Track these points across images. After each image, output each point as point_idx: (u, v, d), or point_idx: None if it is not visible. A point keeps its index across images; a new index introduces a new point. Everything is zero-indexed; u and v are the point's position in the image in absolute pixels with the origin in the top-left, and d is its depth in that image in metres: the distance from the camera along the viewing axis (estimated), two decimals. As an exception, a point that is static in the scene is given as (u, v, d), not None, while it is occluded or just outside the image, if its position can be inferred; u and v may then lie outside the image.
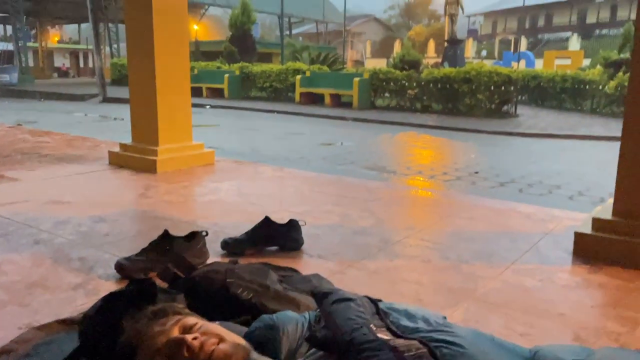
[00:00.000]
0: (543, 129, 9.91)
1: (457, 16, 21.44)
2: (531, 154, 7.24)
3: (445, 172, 5.66)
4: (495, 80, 11.83)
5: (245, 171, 4.04)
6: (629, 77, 2.20)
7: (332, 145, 7.71)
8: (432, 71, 13.68)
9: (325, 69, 16.46)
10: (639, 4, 2.20)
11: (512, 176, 5.41)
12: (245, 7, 18.93)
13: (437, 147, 7.83)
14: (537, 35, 48.77)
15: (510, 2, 52.64)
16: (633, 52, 2.18)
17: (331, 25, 45.63)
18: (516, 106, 12.33)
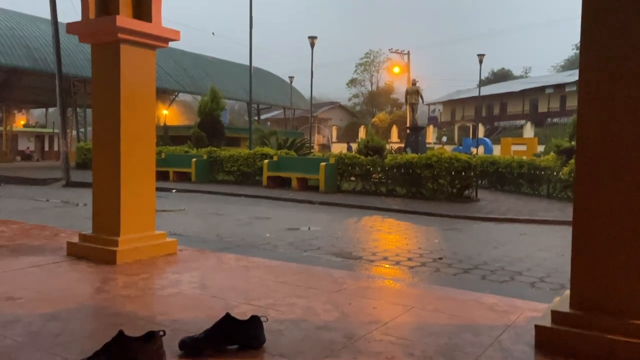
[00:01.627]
0: (503, 213, 10.21)
1: (417, 105, 22.62)
2: (493, 238, 7.40)
3: (410, 257, 5.70)
4: (456, 166, 12.28)
5: (208, 261, 3.97)
6: (575, 175, 2.33)
7: (299, 230, 7.71)
8: (396, 157, 14.14)
9: (292, 153, 16.83)
10: (579, 108, 2.39)
11: (475, 262, 5.49)
12: (214, 94, 19.52)
13: (401, 232, 7.93)
14: (494, 123, 51.56)
15: (466, 92, 56.10)
16: (576, 149, 2.34)
17: (298, 111, 47.31)
18: (477, 191, 12.73)
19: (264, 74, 40.32)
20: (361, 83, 67.90)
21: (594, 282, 2.23)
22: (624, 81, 2.13)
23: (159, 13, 4.07)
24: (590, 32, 2.21)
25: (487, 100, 52.57)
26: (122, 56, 3.86)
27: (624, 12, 2.13)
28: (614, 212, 2.21)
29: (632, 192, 2.14)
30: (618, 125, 2.18)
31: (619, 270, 2.18)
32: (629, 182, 2.15)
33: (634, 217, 2.14)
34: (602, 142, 2.19)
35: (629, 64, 2.12)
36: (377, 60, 65.10)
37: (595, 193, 2.25)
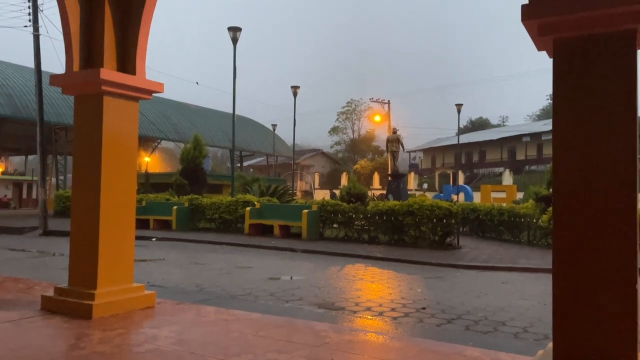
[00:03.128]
0: (485, 261, 10.23)
1: (398, 153, 22.99)
2: (475, 287, 7.38)
3: (394, 307, 5.64)
4: (437, 213, 12.36)
5: (187, 314, 3.88)
6: (552, 228, 2.38)
7: (281, 279, 7.61)
8: (378, 204, 14.21)
9: (274, 200, 16.81)
10: (554, 160, 2.46)
11: (458, 312, 5.45)
12: (197, 142, 19.59)
13: (384, 280, 7.87)
14: (473, 170, 52.46)
15: (446, 140, 57.27)
16: (553, 201, 2.39)
17: (281, 158, 47.61)
18: (458, 238, 12.78)
19: (247, 121, 40.78)
20: (343, 131, 68.91)
21: (578, 337, 2.24)
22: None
23: (143, 66, 4.14)
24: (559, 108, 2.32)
25: (467, 148, 53.66)
26: (105, 108, 3.89)
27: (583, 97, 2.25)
28: (594, 262, 2.24)
29: (611, 240, 2.19)
30: (592, 179, 2.24)
31: (604, 324, 2.19)
32: (607, 231, 2.19)
33: (616, 266, 2.18)
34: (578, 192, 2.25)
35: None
36: (358, 108, 66.40)
37: (574, 242, 2.29)
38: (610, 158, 2.26)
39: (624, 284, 2.20)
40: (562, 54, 2.39)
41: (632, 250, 2.21)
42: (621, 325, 2.17)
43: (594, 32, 2.30)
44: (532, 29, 2.42)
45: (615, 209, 2.23)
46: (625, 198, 2.23)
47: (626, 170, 2.24)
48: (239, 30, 18.52)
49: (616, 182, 2.25)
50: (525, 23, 2.40)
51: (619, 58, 2.29)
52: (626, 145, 2.25)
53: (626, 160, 2.24)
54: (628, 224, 2.21)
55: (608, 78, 2.31)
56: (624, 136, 2.26)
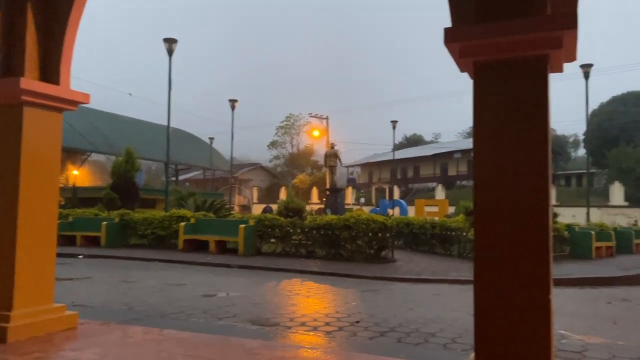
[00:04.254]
0: (418, 273, 10.50)
1: (336, 167, 23.29)
2: (409, 299, 7.55)
3: (328, 322, 5.65)
4: (373, 227, 12.58)
5: (112, 335, 3.71)
6: (474, 235, 2.48)
7: (215, 296, 7.44)
8: (315, 218, 14.27)
9: (210, 215, 16.47)
10: (474, 176, 2.57)
11: (391, 324, 5.54)
12: (129, 155, 18.91)
13: (320, 295, 7.89)
14: (408, 185, 53.97)
15: (383, 156, 58.67)
16: (474, 216, 2.50)
17: (219, 172, 46.87)
18: (393, 251, 13.06)
19: (183, 134, 39.91)
20: (282, 145, 68.96)
21: (498, 346, 2.33)
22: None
23: (68, 75, 3.96)
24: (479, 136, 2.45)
25: (402, 164, 55.21)
26: (26, 119, 3.69)
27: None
28: (511, 274, 2.35)
29: (526, 254, 2.31)
30: (509, 195, 2.37)
31: (521, 333, 2.30)
32: (523, 245, 2.31)
33: (531, 278, 2.29)
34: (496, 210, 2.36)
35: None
36: (297, 123, 66.75)
37: (493, 256, 2.39)
38: (526, 175, 2.39)
39: (539, 294, 2.32)
40: (482, 76, 2.52)
41: (546, 263, 2.34)
42: (537, 333, 2.29)
43: (510, 56, 2.45)
44: (454, 51, 2.54)
45: (530, 225, 2.36)
46: (539, 214, 2.36)
47: (540, 188, 2.38)
48: (174, 41, 18.19)
49: (532, 198, 2.38)
50: (447, 45, 2.52)
51: (534, 80, 2.45)
52: (540, 162, 2.40)
53: (540, 178, 2.38)
54: (542, 238, 2.35)
55: (524, 99, 2.45)
56: (537, 153, 2.41)
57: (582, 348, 4.80)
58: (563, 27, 2.29)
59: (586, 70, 20.37)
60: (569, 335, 5.33)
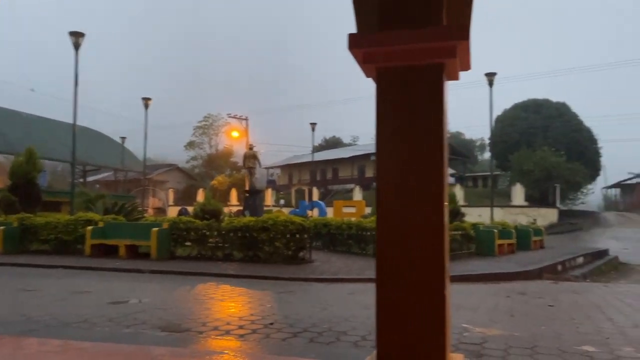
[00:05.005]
0: (334, 273, 10.68)
1: (255, 169, 23.15)
2: (323, 299, 7.65)
3: (242, 325, 5.59)
4: (291, 229, 12.62)
5: (4, 348, 3.43)
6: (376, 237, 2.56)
7: (123, 303, 7.11)
8: (232, 220, 14.08)
9: (121, 219, 15.73)
10: (377, 178, 2.65)
11: (305, 325, 5.59)
12: (30, 155, 17.56)
13: (235, 298, 7.79)
14: (327, 186, 54.75)
15: (302, 157, 59.09)
16: (376, 217, 2.59)
17: (131, 173, 44.85)
18: (311, 252, 13.18)
19: (92, 133, 37.77)
20: (200, 146, 67.38)
21: (397, 342, 2.42)
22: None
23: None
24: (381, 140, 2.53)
25: (321, 165, 55.93)
26: None
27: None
28: (410, 271, 2.45)
29: (423, 252, 2.42)
30: (408, 196, 2.47)
31: (418, 329, 2.40)
32: (419, 244, 2.42)
33: (428, 275, 2.40)
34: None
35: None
36: (215, 124, 65.55)
37: (392, 254, 2.48)
38: (424, 176, 2.51)
39: (435, 290, 2.44)
40: (384, 82, 2.61)
41: (442, 260, 2.46)
42: (433, 329, 2.40)
43: (410, 63, 2.55)
44: (357, 56, 2.61)
45: (427, 225, 2.47)
46: (436, 214, 2.48)
47: (437, 187, 2.50)
48: (81, 35, 17.21)
49: (429, 198, 2.50)
50: (351, 51, 2.58)
51: (431, 87, 2.57)
52: (437, 163, 2.52)
53: (437, 178, 2.51)
54: (438, 237, 2.47)
55: (422, 104, 2.56)
56: (435, 155, 2.53)
57: (482, 340, 5.11)
58: (457, 37, 2.43)
59: (490, 78, 21.76)
60: (471, 328, 5.65)
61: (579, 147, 42.95)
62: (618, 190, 59.05)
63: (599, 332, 5.63)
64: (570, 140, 42.93)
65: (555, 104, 46.94)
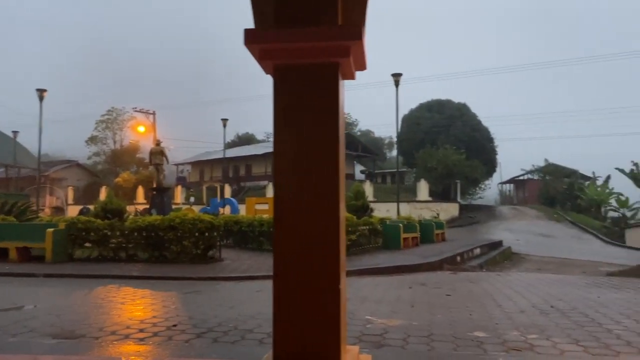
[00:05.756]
0: (244, 271, 10.58)
1: (162, 165, 22.30)
2: (231, 298, 7.55)
3: (142, 328, 5.37)
4: (199, 227, 12.33)
5: None
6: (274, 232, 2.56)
7: (11, 310, 6.56)
8: (137, 219, 13.49)
9: (11, 219, 14.50)
10: (274, 173, 2.65)
11: (210, 325, 5.48)
12: None
13: (137, 300, 7.46)
14: (240, 183, 54.09)
15: (214, 154, 57.91)
16: (274, 211, 2.59)
17: (25, 170, 41.49)
18: (221, 250, 12.96)
19: (-20, 127, 34.46)
20: (103, 141, 63.70)
21: (293, 337, 2.44)
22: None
23: None
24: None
25: (234, 162, 55.13)
26: None
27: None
28: (306, 265, 2.48)
29: (319, 247, 2.45)
30: (304, 190, 2.50)
31: (315, 323, 2.43)
32: (316, 239, 2.45)
33: (323, 268, 2.44)
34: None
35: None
36: (120, 118, 62.32)
37: (290, 247, 2.50)
38: (320, 171, 2.54)
39: (330, 285, 2.49)
40: (281, 79, 2.61)
41: (337, 254, 2.52)
42: (328, 322, 2.45)
43: (306, 61, 2.57)
44: (254, 52, 2.59)
45: (323, 222, 2.51)
46: (332, 211, 2.53)
47: (333, 184, 2.55)
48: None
49: (325, 194, 2.54)
50: (248, 46, 2.56)
51: (327, 87, 2.61)
52: (333, 159, 2.57)
53: (333, 178, 2.55)
54: (333, 233, 2.51)
55: (318, 102, 2.60)
56: (330, 152, 2.57)
57: (383, 331, 5.30)
58: (350, 37, 2.48)
59: (396, 79, 22.64)
60: (374, 320, 5.85)
61: (477, 145, 45.86)
62: (512, 185, 63.88)
63: (489, 318, 6.05)
64: (470, 139, 45.73)
65: (457, 104, 49.77)
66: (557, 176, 50.22)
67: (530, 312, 6.42)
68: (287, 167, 2.55)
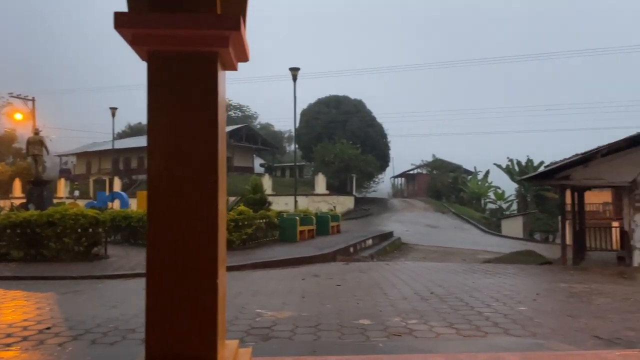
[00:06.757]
0: (132, 268, 10.08)
1: (41, 157, 20.56)
2: (115, 297, 7.16)
3: (10, 333, 4.91)
4: (82, 223, 11.55)
5: None
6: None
7: None
8: (9, 215, 12.32)
9: None
10: (148, 164, 2.53)
11: (88, 326, 5.15)
12: None
13: (6, 303, 6.79)
14: (132, 176, 51.38)
15: (103, 145, 54.42)
16: (147, 204, 2.47)
17: None
18: (106, 247, 12.24)
19: None
20: (-28, 129, 57.23)
21: (167, 335, 2.36)
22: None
23: None
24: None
25: (125, 153, 52.20)
26: None
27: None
28: (182, 260, 2.41)
29: (195, 242, 2.39)
30: (181, 182, 2.42)
31: (190, 320, 2.37)
32: (192, 234, 2.39)
33: (199, 264, 2.38)
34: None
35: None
36: (-7, 103, 56.34)
37: (165, 242, 2.41)
38: (197, 163, 2.47)
39: (207, 280, 2.44)
40: (156, 66, 2.50)
41: (214, 249, 2.47)
42: (204, 318, 2.40)
43: (183, 49, 2.49)
44: (126, 37, 2.45)
45: (200, 217, 2.45)
46: (210, 206, 2.47)
47: (211, 176, 2.49)
48: None
49: (202, 187, 2.48)
50: (119, 30, 2.41)
51: (205, 76, 2.54)
52: (212, 154, 2.51)
53: (212, 171, 2.49)
54: (211, 227, 2.46)
55: (196, 92, 2.52)
56: (209, 145, 2.51)
57: (272, 323, 5.33)
58: (229, 27, 2.43)
59: (294, 73, 22.79)
60: (264, 313, 5.85)
61: (372, 141, 47.68)
62: (403, 179, 67.30)
63: (375, 306, 6.33)
64: (365, 135, 47.41)
65: (353, 100, 51.30)
66: (444, 171, 53.76)
67: (413, 299, 6.81)
68: (161, 160, 2.45)
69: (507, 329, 5.10)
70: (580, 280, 9.10)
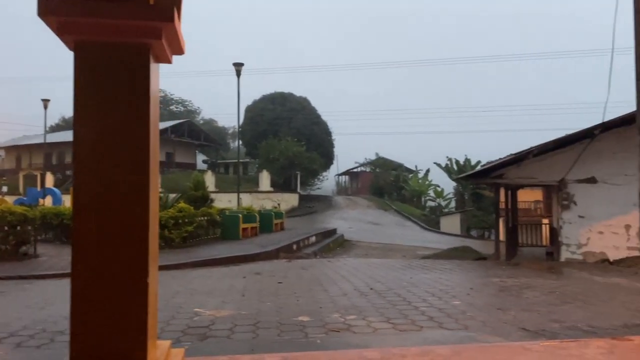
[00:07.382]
0: (63, 268, 9.62)
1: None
2: (43, 298, 6.82)
3: None
4: (9, 220, 10.92)
5: None
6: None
7: None
8: None
9: None
10: (74, 160, 2.42)
11: (13, 329, 4.88)
12: None
13: None
14: (66, 172, 49.10)
15: (35, 138, 51.62)
16: (72, 199, 2.37)
17: None
18: (36, 246, 11.64)
19: None
20: None
21: (93, 337, 2.27)
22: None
23: None
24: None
25: (59, 148, 49.78)
26: None
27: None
28: (110, 259, 2.32)
29: (124, 241, 2.31)
30: (110, 179, 2.33)
31: (118, 321, 2.29)
32: (121, 233, 2.30)
33: (128, 263, 2.30)
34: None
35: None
36: None
37: (92, 243, 2.31)
38: (125, 160, 2.39)
39: (136, 280, 2.36)
40: (84, 57, 2.39)
41: (144, 247, 2.39)
42: (132, 319, 2.32)
43: (111, 40, 2.39)
44: (52, 25, 2.33)
45: (130, 211, 2.36)
46: (139, 200, 2.39)
47: (140, 173, 2.41)
48: None
49: (131, 184, 2.39)
50: (42, 18, 2.29)
51: (136, 69, 2.45)
52: (142, 152, 2.42)
53: (141, 171, 2.41)
54: (141, 227, 2.38)
55: (127, 85, 2.43)
56: (140, 142, 2.43)
57: (210, 322, 5.24)
58: (161, 18, 2.36)
59: (238, 68, 22.52)
60: (202, 312, 5.75)
61: (316, 138, 47.87)
62: (347, 177, 68.07)
63: (315, 302, 6.36)
64: (310, 132, 47.55)
65: (298, 97, 51.31)
66: (386, 169, 54.83)
67: (352, 295, 6.91)
68: (87, 155, 2.35)
69: (441, 323, 5.26)
70: (512, 275, 9.53)
